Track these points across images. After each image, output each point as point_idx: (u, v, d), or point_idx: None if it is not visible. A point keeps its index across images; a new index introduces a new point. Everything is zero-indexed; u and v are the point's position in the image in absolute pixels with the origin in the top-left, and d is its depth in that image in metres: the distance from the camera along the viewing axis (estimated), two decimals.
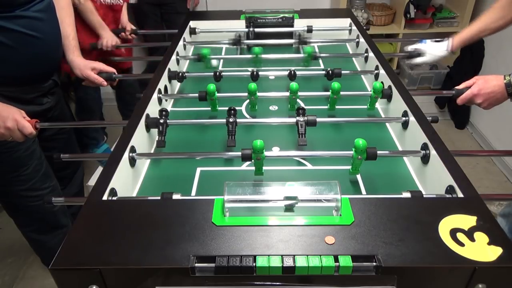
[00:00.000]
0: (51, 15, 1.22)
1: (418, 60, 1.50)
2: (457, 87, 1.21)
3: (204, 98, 1.21)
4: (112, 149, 0.96)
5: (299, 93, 1.20)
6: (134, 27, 2.02)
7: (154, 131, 1.18)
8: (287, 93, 1.21)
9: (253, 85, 1.18)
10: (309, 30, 1.79)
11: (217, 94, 1.23)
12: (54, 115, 1.35)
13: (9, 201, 1.35)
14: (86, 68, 1.40)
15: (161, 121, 1.09)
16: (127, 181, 0.94)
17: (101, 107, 2.39)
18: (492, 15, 1.32)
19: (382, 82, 1.33)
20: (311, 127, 1.06)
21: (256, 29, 1.78)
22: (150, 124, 1.10)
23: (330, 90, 1.18)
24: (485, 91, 1.14)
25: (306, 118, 1.06)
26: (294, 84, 1.18)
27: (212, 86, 1.19)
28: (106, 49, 1.83)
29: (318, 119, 1.06)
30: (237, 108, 1.24)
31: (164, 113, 1.12)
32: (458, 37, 1.41)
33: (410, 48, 1.53)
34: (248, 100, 1.31)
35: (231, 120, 1.07)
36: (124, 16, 2.06)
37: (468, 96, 1.17)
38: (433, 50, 1.46)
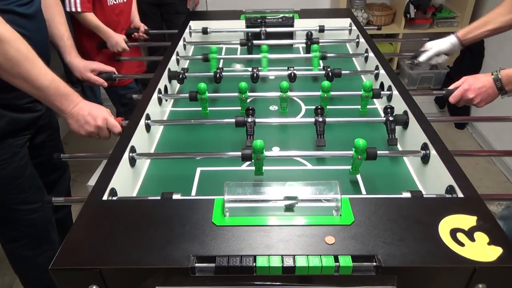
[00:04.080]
0: (39, 13, 1.16)
1: (422, 56, 1.47)
2: (447, 88, 1.23)
3: (195, 98, 1.21)
4: (112, 149, 0.96)
5: (290, 93, 1.21)
6: (146, 27, 1.98)
7: (154, 131, 1.18)
8: (287, 94, 1.21)
9: (243, 84, 1.18)
10: (321, 29, 1.80)
11: (218, 94, 1.23)
12: (44, 123, 1.31)
13: (1, 215, 1.26)
14: (86, 70, 1.39)
15: (249, 120, 1.00)
16: (127, 181, 0.94)
17: None
18: (500, 10, 1.31)
19: (382, 82, 1.34)
20: (310, 127, 1.06)
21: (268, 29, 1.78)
22: (238, 123, 1.05)
23: (321, 89, 1.19)
24: (476, 86, 1.17)
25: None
26: (284, 83, 1.19)
27: (202, 85, 1.19)
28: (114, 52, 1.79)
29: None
30: (236, 108, 1.25)
31: (251, 111, 1.05)
32: (462, 30, 1.40)
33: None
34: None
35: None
36: (136, 15, 2.02)
37: (460, 92, 1.19)
38: (437, 43, 1.44)
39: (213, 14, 2.10)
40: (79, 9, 1.68)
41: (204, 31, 1.81)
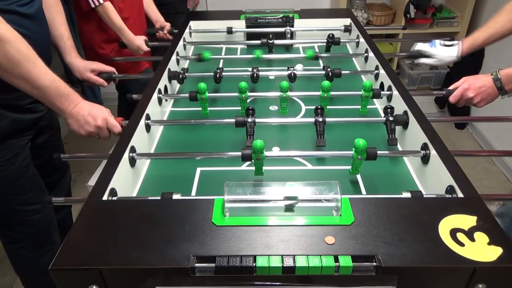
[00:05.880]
0: (41, 13, 1.16)
1: (422, 60, 1.46)
2: (447, 88, 1.24)
3: (195, 98, 1.21)
4: (112, 149, 0.96)
5: (290, 93, 1.20)
6: (171, 27, 1.94)
7: (154, 131, 1.18)
8: (287, 93, 1.21)
9: (243, 83, 1.18)
10: (346, 29, 1.80)
11: (218, 94, 1.22)
12: (46, 123, 1.30)
13: (3, 215, 1.27)
14: (86, 70, 1.39)
15: (249, 120, 0.99)
16: (127, 181, 0.94)
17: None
18: (500, 19, 1.32)
19: (382, 82, 1.34)
20: (310, 127, 1.07)
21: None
22: (238, 123, 1.04)
23: (321, 89, 1.19)
24: (476, 86, 1.19)
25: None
26: (284, 83, 1.19)
27: (202, 85, 1.19)
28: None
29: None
30: (236, 108, 1.25)
31: (251, 111, 1.04)
32: (468, 42, 1.38)
33: (417, 47, 1.48)
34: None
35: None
36: (159, 15, 1.99)
37: (460, 91, 1.20)
38: (442, 54, 1.42)
39: (213, 14, 2.10)
40: (101, 0, 1.63)
41: (229, 30, 1.80)
